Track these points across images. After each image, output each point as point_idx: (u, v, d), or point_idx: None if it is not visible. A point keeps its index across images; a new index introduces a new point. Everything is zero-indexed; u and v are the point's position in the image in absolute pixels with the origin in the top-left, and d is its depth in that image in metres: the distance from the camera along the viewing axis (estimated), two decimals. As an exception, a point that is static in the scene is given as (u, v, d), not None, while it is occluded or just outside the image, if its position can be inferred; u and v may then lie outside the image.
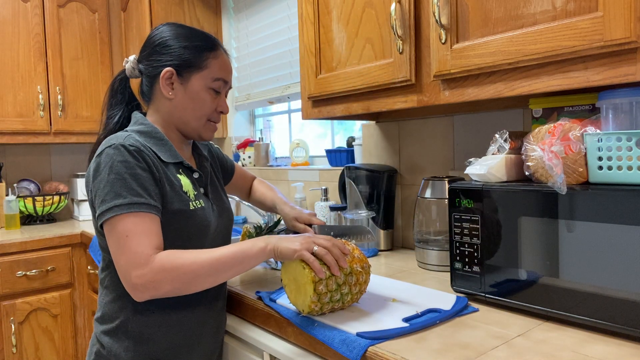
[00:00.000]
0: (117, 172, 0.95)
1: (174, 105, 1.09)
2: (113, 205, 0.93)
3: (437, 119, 1.55)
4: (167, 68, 1.07)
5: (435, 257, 1.32)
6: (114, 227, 0.93)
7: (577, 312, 0.86)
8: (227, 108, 1.15)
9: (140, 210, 0.94)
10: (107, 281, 1.07)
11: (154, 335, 1.04)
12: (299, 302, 0.96)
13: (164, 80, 1.07)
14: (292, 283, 0.97)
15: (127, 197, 0.94)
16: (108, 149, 0.97)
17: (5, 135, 2.53)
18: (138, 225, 0.93)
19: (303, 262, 0.93)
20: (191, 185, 1.09)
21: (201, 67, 1.08)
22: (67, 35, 2.70)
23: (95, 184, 0.96)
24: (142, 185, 0.96)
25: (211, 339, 1.13)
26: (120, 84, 1.17)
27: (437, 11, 1.03)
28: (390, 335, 0.86)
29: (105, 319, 1.06)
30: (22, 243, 2.24)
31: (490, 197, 0.99)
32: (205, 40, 1.10)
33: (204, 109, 1.10)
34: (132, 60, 1.14)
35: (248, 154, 2.54)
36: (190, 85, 1.08)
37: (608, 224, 0.81)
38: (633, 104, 0.87)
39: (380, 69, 1.21)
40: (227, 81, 1.13)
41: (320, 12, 1.40)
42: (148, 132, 1.07)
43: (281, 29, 2.33)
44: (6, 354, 2.20)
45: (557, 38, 0.86)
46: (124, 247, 0.91)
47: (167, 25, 1.12)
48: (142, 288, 0.90)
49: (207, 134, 1.14)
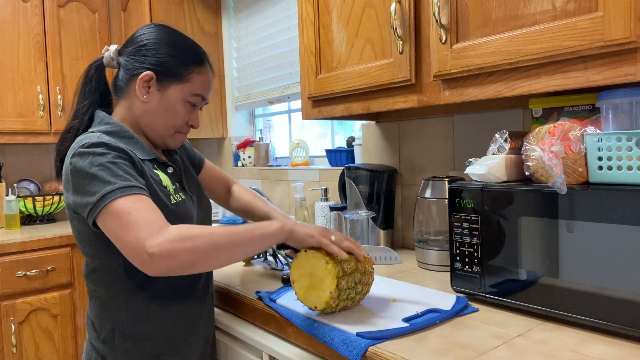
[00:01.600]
0: (98, 164, 0.91)
1: (145, 109, 1.06)
2: (105, 193, 0.89)
3: (437, 119, 1.55)
4: (147, 71, 1.04)
5: (435, 257, 1.32)
6: (109, 213, 0.88)
7: (577, 312, 0.86)
8: (198, 123, 1.13)
9: (133, 192, 0.90)
10: (94, 286, 1.04)
11: (152, 331, 1.03)
12: (313, 298, 0.95)
13: (141, 82, 1.04)
14: (305, 278, 0.96)
15: (116, 182, 0.90)
16: (81, 148, 0.94)
17: (5, 135, 2.52)
18: (137, 203, 0.89)
19: (326, 256, 0.93)
20: (169, 180, 1.07)
21: (182, 79, 1.06)
22: (67, 35, 2.70)
23: (76, 182, 0.93)
24: (127, 172, 0.93)
25: (205, 327, 1.14)
26: (96, 71, 1.11)
27: (437, 11, 1.03)
28: (390, 335, 0.86)
29: (98, 326, 1.04)
30: (22, 243, 2.24)
31: (490, 197, 0.99)
32: (194, 54, 1.08)
33: (176, 120, 1.08)
34: (112, 50, 1.10)
35: (248, 154, 2.54)
36: (167, 94, 1.06)
37: (608, 224, 0.81)
38: (633, 104, 0.87)
39: (380, 69, 1.21)
40: (205, 97, 1.11)
41: (320, 12, 1.40)
42: (116, 131, 1.04)
43: (281, 29, 2.33)
44: (6, 354, 2.20)
45: (557, 38, 0.86)
46: (128, 224, 0.86)
47: (159, 27, 1.09)
48: (158, 258, 0.83)
49: (173, 143, 1.12)
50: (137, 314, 1.02)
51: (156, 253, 0.83)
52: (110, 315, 1.02)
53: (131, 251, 0.86)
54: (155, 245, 0.83)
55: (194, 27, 2.59)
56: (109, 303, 1.03)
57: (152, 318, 1.04)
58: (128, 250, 0.86)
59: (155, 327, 1.04)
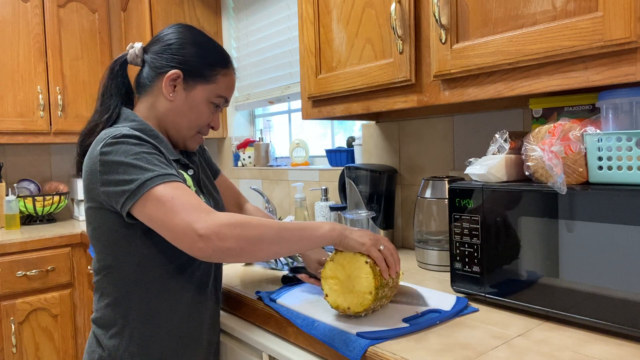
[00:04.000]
0: (133, 152, 0.91)
1: (170, 108, 1.07)
2: (145, 180, 0.88)
3: (437, 119, 1.55)
4: (175, 70, 1.05)
5: (435, 257, 1.32)
6: (151, 199, 0.87)
7: (577, 312, 0.86)
8: (218, 124, 1.15)
9: (172, 179, 0.90)
10: (105, 283, 1.03)
11: (159, 336, 1.02)
12: (347, 300, 0.93)
13: (168, 80, 1.05)
14: (341, 280, 0.94)
15: (154, 170, 0.90)
16: (112, 138, 0.93)
17: (5, 135, 2.52)
18: (179, 190, 0.88)
19: (371, 262, 0.92)
20: (191, 181, 1.08)
21: (209, 80, 1.07)
22: (67, 35, 2.70)
23: (108, 171, 0.91)
24: (162, 162, 0.94)
25: (211, 329, 1.13)
26: (121, 67, 1.13)
27: (437, 11, 1.03)
28: (391, 336, 0.86)
29: (104, 322, 1.03)
30: (22, 243, 2.24)
31: (490, 197, 0.99)
32: (220, 56, 1.10)
33: (200, 120, 1.09)
34: (137, 47, 1.10)
35: (248, 154, 2.54)
36: (193, 94, 1.07)
37: (608, 224, 0.81)
38: (633, 104, 0.87)
39: (380, 69, 1.21)
40: (228, 100, 1.13)
41: (320, 12, 1.40)
42: (142, 129, 1.03)
43: (281, 29, 2.33)
44: (6, 354, 2.20)
45: (557, 38, 0.86)
46: (174, 207, 0.85)
47: (186, 27, 1.11)
48: (207, 239, 0.82)
49: (192, 145, 1.13)
50: (146, 315, 1.01)
51: (206, 234, 0.82)
52: (120, 314, 1.01)
53: (179, 234, 0.85)
54: (205, 227, 0.83)
55: (194, 27, 2.59)
56: (119, 302, 1.01)
57: (160, 322, 1.02)
58: (176, 234, 0.85)
59: (162, 332, 1.03)
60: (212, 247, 0.83)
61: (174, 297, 1.04)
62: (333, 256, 0.96)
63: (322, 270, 0.97)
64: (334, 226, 0.93)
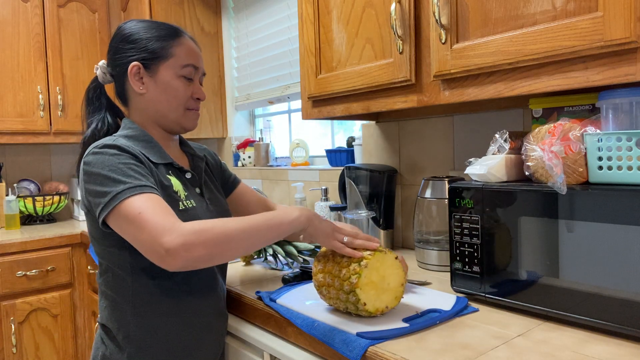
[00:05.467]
0: (110, 164, 0.93)
1: (147, 100, 1.08)
2: (116, 193, 0.90)
3: (437, 119, 1.55)
4: (133, 63, 1.05)
5: (435, 257, 1.32)
6: (121, 213, 0.89)
7: (577, 312, 0.86)
8: (203, 94, 1.12)
9: (143, 191, 0.91)
10: (104, 287, 1.05)
11: (157, 340, 1.02)
12: (384, 300, 0.94)
13: (132, 75, 1.06)
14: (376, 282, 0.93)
15: (127, 182, 0.91)
16: (95, 149, 0.96)
17: (5, 135, 2.52)
18: (148, 202, 0.89)
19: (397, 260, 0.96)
20: (181, 186, 1.07)
21: (167, 56, 1.06)
22: (67, 35, 2.70)
23: (90, 184, 0.94)
24: (139, 172, 0.94)
25: (214, 341, 1.12)
26: (95, 91, 1.15)
27: (437, 11, 1.03)
28: (390, 335, 0.86)
29: (105, 324, 1.04)
30: (22, 243, 2.24)
31: (490, 197, 0.99)
32: (167, 29, 1.09)
33: (178, 98, 1.08)
34: (101, 65, 1.12)
35: (248, 154, 2.54)
36: (159, 77, 1.06)
37: (608, 224, 0.81)
38: (633, 104, 0.87)
39: (380, 69, 1.21)
40: (197, 66, 1.10)
41: (320, 12, 1.40)
42: (136, 135, 1.06)
43: (281, 29, 2.33)
44: (6, 354, 2.20)
45: (557, 38, 0.86)
46: (141, 223, 0.86)
47: (128, 22, 1.11)
48: (174, 253, 0.83)
49: (188, 123, 1.12)
50: (142, 320, 1.01)
51: (172, 248, 0.83)
52: (117, 317, 1.02)
53: (148, 249, 0.86)
54: (170, 240, 0.83)
55: (194, 27, 2.59)
56: (116, 305, 1.02)
57: (158, 327, 1.02)
58: (145, 249, 0.87)
59: (159, 336, 1.02)
60: (181, 260, 0.84)
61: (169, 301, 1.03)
62: (367, 263, 0.93)
63: (356, 282, 0.91)
64: (302, 212, 0.95)
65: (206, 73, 1.18)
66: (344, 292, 0.93)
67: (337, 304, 0.96)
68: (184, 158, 1.18)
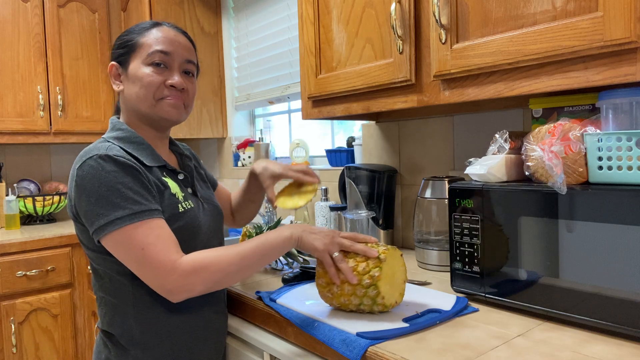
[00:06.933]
0: (107, 183, 0.92)
1: (125, 97, 1.08)
2: (114, 218, 0.90)
3: (437, 119, 1.55)
4: (110, 64, 1.09)
5: (435, 257, 1.32)
6: (121, 241, 0.91)
7: (577, 312, 0.86)
8: (179, 81, 1.05)
9: (143, 218, 0.91)
10: (102, 293, 1.03)
11: (160, 341, 1.02)
12: (394, 294, 0.96)
13: (111, 76, 1.09)
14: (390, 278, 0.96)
15: (126, 207, 0.91)
16: (90, 160, 0.94)
17: (5, 135, 2.52)
18: (149, 235, 0.91)
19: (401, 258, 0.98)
20: (178, 187, 1.06)
21: (134, 49, 1.06)
22: (67, 35, 2.70)
23: (83, 199, 0.93)
24: (138, 192, 0.93)
25: (215, 340, 1.12)
26: None
27: (437, 11, 1.03)
28: (390, 335, 0.86)
29: (107, 329, 1.03)
30: (22, 243, 2.24)
31: (490, 197, 0.99)
32: (141, 27, 1.09)
33: (148, 86, 1.03)
34: None
35: (248, 154, 2.54)
36: (130, 70, 1.06)
37: (608, 224, 0.81)
38: (633, 104, 0.87)
39: (380, 69, 1.21)
40: (168, 52, 1.04)
41: (320, 12, 1.40)
42: (127, 137, 1.04)
43: (281, 29, 2.33)
44: (6, 354, 2.20)
45: (557, 38, 0.86)
46: (144, 260, 0.90)
47: None
48: (177, 292, 0.91)
49: (166, 113, 1.05)
50: (144, 322, 1.01)
51: (174, 289, 0.91)
52: (119, 322, 1.01)
53: (150, 283, 0.92)
54: (172, 281, 0.90)
55: (194, 27, 2.59)
56: (117, 310, 1.01)
57: (160, 327, 1.02)
58: (147, 282, 0.93)
59: (162, 337, 1.02)
60: (184, 296, 0.92)
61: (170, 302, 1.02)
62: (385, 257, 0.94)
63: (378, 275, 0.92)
64: (292, 230, 0.98)
65: (199, 67, 1.15)
66: (363, 287, 0.93)
67: (348, 302, 0.95)
68: (173, 158, 1.17)
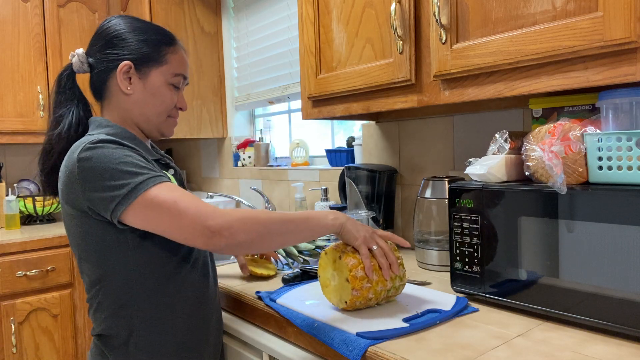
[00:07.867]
0: (116, 158, 0.90)
1: (133, 101, 1.06)
2: (136, 184, 0.88)
3: (437, 119, 1.55)
4: (124, 62, 1.03)
5: (435, 257, 1.32)
6: (149, 204, 0.88)
7: (577, 312, 0.86)
8: (185, 105, 1.13)
9: (163, 180, 0.90)
10: (101, 296, 0.99)
11: (166, 341, 1.01)
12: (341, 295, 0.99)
13: (121, 74, 1.03)
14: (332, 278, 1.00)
15: (143, 173, 0.90)
16: (88, 146, 0.91)
17: (5, 135, 2.52)
18: (175, 191, 0.89)
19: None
20: (174, 180, 1.08)
21: (160, 62, 1.06)
22: (67, 35, 2.70)
23: (95, 182, 0.89)
24: (147, 164, 0.93)
25: (216, 333, 1.12)
26: (68, 79, 1.10)
27: (437, 11, 1.03)
28: (390, 335, 0.86)
29: (107, 335, 1.00)
30: (22, 243, 2.24)
31: (490, 197, 0.99)
32: (163, 35, 1.08)
33: (165, 104, 1.07)
34: (80, 54, 1.08)
35: (248, 154, 2.54)
36: (150, 80, 1.05)
37: (608, 224, 0.81)
38: (633, 104, 0.87)
39: (380, 69, 1.21)
40: (186, 77, 1.11)
41: (320, 12, 1.40)
42: (118, 133, 1.02)
43: (281, 29, 2.33)
44: (6, 354, 2.20)
45: (557, 38, 0.86)
46: (180, 210, 0.87)
47: (120, 17, 1.08)
48: (219, 234, 0.87)
49: (167, 130, 1.12)
50: (149, 324, 0.99)
51: (218, 231, 0.87)
52: (122, 326, 0.98)
53: (191, 234, 0.88)
54: (215, 223, 0.87)
55: (194, 27, 2.59)
56: (119, 313, 0.98)
57: (165, 327, 1.01)
58: (187, 235, 0.88)
59: (167, 337, 1.01)
60: (225, 242, 0.87)
61: (174, 300, 1.02)
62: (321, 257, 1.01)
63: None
64: (336, 215, 0.98)
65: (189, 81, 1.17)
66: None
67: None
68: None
